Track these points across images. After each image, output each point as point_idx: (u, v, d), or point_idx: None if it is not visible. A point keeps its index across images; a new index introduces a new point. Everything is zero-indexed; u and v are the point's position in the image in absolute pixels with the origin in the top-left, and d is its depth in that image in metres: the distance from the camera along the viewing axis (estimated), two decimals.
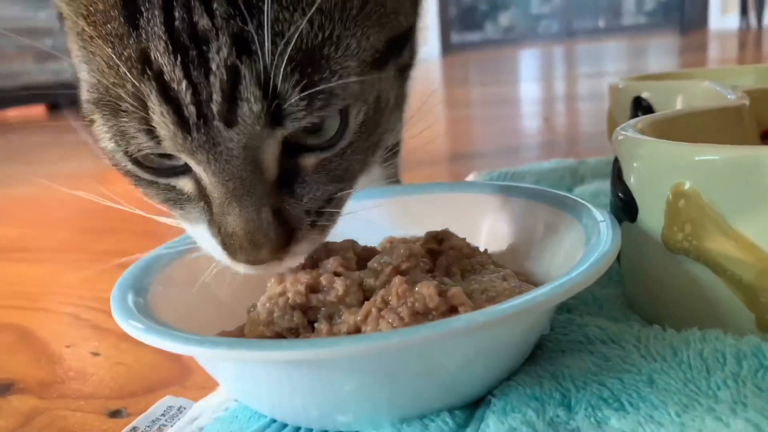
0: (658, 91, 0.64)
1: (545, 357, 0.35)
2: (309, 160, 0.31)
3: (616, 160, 0.40)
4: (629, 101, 0.66)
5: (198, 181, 0.31)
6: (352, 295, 0.34)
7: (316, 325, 0.33)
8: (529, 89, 2.41)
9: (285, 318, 0.33)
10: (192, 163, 0.29)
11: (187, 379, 0.42)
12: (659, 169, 0.36)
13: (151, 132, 0.28)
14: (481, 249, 0.41)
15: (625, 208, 0.39)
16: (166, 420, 0.36)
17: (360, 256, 0.37)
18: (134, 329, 0.30)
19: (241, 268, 0.32)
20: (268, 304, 0.34)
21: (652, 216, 0.36)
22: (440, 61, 4.55)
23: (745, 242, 0.33)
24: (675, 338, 0.33)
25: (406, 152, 1.13)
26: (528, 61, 4.00)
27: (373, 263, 0.36)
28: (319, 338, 0.31)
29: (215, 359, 0.32)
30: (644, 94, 0.65)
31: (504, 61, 3.91)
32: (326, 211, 0.32)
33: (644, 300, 0.39)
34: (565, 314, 0.39)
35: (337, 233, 0.41)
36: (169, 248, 0.41)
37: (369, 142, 0.33)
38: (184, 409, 0.37)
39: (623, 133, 0.40)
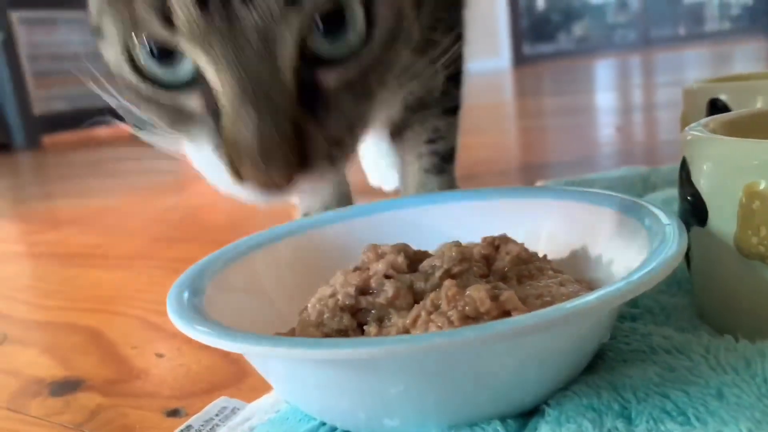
0: (736, 93, 0.60)
1: (605, 367, 0.33)
2: (330, 76, 0.29)
3: (683, 162, 0.38)
4: (704, 104, 0.62)
5: (207, 94, 0.28)
6: (402, 297, 0.33)
7: (365, 327, 0.33)
8: (604, 99, 2.35)
9: (334, 319, 0.33)
10: (204, 59, 0.27)
11: (243, 382, 0.42)
12: (731, 168, 0.34)
13: (165, 16, 0.26)
14: (540, 255, 0.39)
15: (694, 211, 0.36)
16: (219, 420, 0.36)
17: (412, 260, 0.37)
18: (182, 322, 0.31)
19: (245, 192, 0.29)
20: (318, 306, 0.33)
21: (723, 219, 0.34)
22: (512, 72, 4.50)
23: None
24: (749, 349, 0.30)
25: (476, 162, 1.12)
26: (603, 71, 3.89)
27: (424, 266, 0.35)
28: (360, 338, 0.31)
29: (263, 358, 0.32)
30: (722, 96, 0.62)
31: (578, 72, 3.82)
32: (345, 144, 0.30)
33: (716, 309, 0.37)
34: (628, 323, 0.37)
35: (393, 237, 0.40)
36: (224, 252, 0.41)
37: (392, 65, 0.31)
38: (238, 410, 0.37)
39: (692, 132, 0.37)
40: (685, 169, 0.37)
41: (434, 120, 0.60)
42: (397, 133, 0.61)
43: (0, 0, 2.88)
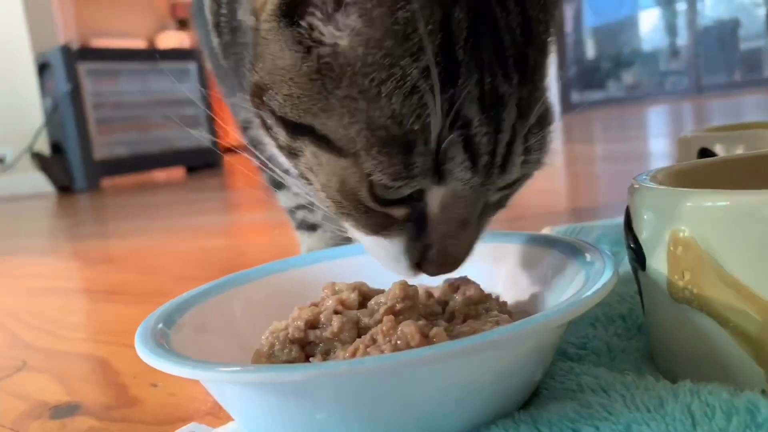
0: (725, 142, 0.61)
1: (537, 403, 0.34)
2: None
3: (627, 211, 0.39)
4: (696, 153, 0.63)
5: (415, 210, 0.35)
6: (346, 332, 0.36)
7: (311, 359, 0.35)
8: (656, 145, 2.31)
9: (284, 351, 0.36)
10: (446, 197, 0.34)
11: (223, 410, 0.45)
12: (661, 216, 0.35)
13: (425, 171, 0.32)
14: (495, 295, 0.41)
15: (636, 257, 0.38)
16: None
17: (366, 297, 0.39)
18: (139, 346, 0.34)
19: (409, 276, 0.38)
20: (270, 338, 0.36)
21: (658, 265, 0.36)
22: (560, 119, 4.50)
23: (746, 292, 0.32)
24: (665, 390, 0.32)
25: (525, 206, 1.11)
26: (655, 117, 3.85)
27: (371, 303, 0.38)
28: (280, 365, 0.33)
29: (214, 385, 0.34)
30: (714, 145, 0.63)
31: (629, 119, 3.79)
32: None
33: (658, 351, 0.38)
34: (571, 363, 0.38)
35: (360, 276, 0.43)
36: (209, 288, 0.45)
37: None
38: None
39: (636, 182, 0.39)
40: (628, 217, 0.39)
41: None
42: None
43: (69, 53, 3.11)
